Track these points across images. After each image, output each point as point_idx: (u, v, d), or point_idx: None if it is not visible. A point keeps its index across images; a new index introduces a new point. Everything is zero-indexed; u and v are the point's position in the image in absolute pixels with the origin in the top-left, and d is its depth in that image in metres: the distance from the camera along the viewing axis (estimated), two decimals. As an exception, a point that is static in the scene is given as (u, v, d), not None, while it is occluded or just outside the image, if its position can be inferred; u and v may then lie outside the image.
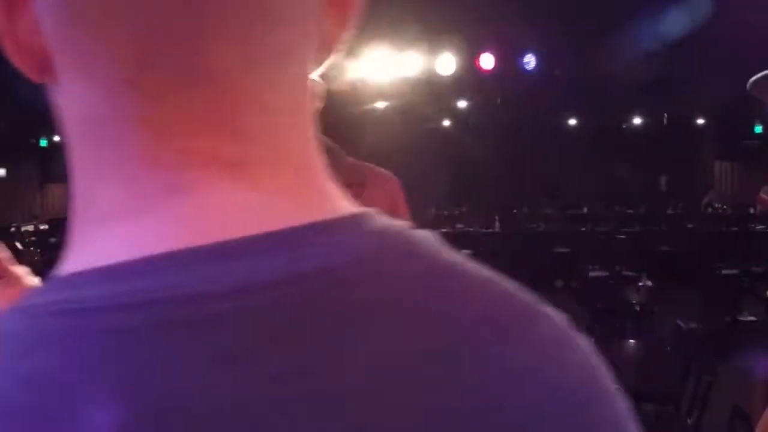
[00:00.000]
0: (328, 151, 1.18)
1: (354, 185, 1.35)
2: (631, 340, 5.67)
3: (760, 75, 0.77)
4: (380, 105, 10.65)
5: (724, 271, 8.09)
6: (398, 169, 1.61)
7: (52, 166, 17.85)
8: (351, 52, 7.20)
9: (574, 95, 11.52)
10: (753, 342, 5.89)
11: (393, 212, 1.36)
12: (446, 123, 14.98)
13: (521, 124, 12.97)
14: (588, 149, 14.37)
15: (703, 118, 14.84)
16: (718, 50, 7.82)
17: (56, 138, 16.64)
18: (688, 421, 3.64)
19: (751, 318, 6.12)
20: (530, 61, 8.26)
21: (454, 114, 13.58)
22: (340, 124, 1.32)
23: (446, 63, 8.03)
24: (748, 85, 0.79)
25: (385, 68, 7.99)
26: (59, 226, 13.94)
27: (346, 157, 1.38)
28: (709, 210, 13.54)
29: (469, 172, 13.84)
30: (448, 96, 11.47)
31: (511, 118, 12.56)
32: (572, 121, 15.05)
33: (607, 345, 4.80)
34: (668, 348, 4.94)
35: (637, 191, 14.85)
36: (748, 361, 5.06)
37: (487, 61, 7.98)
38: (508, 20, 6.97)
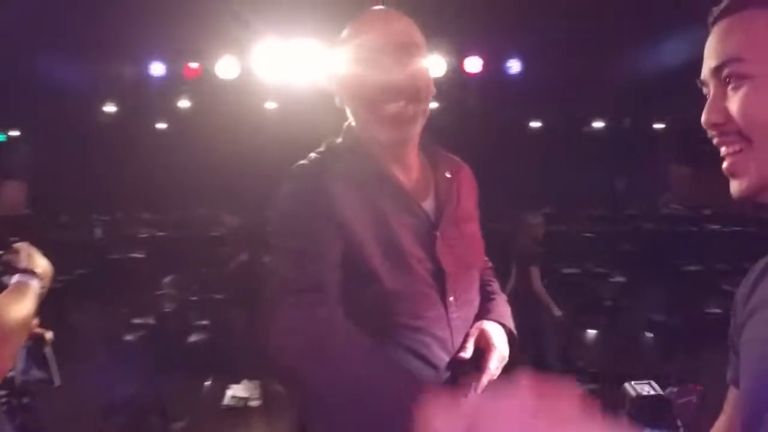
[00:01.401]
0: (428, 145, 1.23)
1: (453, 173, 1.41)
2: (606, 332, 5.87)
3: None
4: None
5: (687, 268, 8.39)
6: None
7: (8, 163, 17.27)
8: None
9: (539, 100, 11.84)
10: (721, 334, 6.14)
11: (475, 197, 1.41)
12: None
13: (490, 127, 13.17)
14: (550, 152, 14.73)
15: (662, 123, 15.31)
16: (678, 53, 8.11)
17: (14, 133, 16.18)
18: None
19: (717, 310, 6.38)
20: (513, 65, 8.44)
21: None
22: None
23: (436, 65, 8.09)
24: None
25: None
26: (13, 224, 13.51)
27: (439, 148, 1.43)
28: (666, 211, 13.96)
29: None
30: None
31: (481, 122, 12.78)
32: (537, 124, 15.39)
33: (583, 337, 4.96)
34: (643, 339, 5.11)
35: (596, 193, 15.26)
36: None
37: (473, 64, 8.12)
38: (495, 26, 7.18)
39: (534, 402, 0.42)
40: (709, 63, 0.80)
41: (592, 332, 5.11)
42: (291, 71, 7.86)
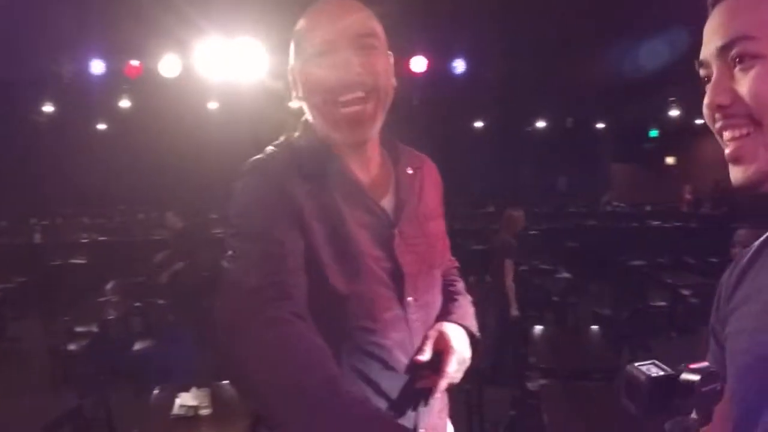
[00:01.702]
0: (388, 140, 1.17)
1: (415, 169, 1.34)
2: (554, 327, 5.96)
3: None
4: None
5: (631, 263, 8.61)
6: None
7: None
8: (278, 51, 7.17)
9: (484, 99, 11.99)
10: (666, 324, 6.36)
11: (439, 194, 1.36)
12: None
13: (435, 126, 13.26)
14: (494, 151, 14.94)
15: (603, 123, 15.69)
16: (619, 56, 8.33)
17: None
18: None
19: (662, 303, 6.58)
20: (458, 65, 8.52)
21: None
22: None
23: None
24: None
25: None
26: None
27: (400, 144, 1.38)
28: (608, 208, 14.32)
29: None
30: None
31: (426, 121, 12.87)
32: (481, 124, 15.56)
33: (531, 332, 5.02)
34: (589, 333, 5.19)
35: (539, 191, 15.57)
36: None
37: (418, 64, 8.15)
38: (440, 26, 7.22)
39: None
40: (714, 42, 0.77)
41: (539, 328, 5.17)
42: (233, 70, 7.73)
